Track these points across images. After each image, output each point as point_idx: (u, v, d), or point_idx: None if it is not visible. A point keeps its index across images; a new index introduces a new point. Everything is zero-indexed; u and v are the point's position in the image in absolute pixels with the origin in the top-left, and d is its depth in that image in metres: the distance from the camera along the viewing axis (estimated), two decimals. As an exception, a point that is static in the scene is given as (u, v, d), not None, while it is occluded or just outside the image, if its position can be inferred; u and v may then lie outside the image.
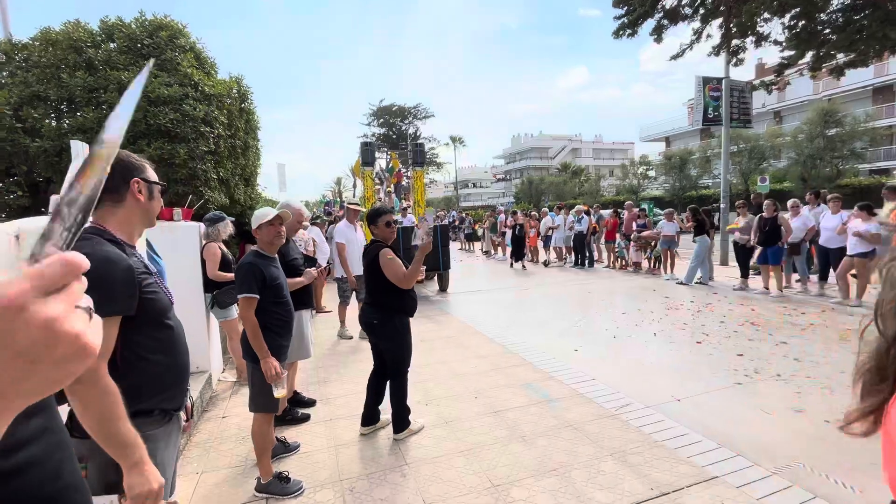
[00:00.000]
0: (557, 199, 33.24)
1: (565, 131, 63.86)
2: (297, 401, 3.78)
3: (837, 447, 2.85)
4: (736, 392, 3.75)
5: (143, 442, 1.15)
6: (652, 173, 35.36)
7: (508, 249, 16.08)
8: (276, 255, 2.74)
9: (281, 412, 3.48)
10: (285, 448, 3.05)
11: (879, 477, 2.53)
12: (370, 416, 3.27)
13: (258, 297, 2.52)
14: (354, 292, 5.60)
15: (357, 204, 5.83)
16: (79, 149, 3.11)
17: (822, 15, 7.69)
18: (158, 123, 4.45)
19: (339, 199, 16.90)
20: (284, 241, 3.09)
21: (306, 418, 3.55)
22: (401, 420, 3.13)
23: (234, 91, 5.77)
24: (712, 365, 4.39)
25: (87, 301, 0.40)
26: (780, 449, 2.86)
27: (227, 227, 4.24)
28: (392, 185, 12.15)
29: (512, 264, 12.67)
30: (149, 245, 2.83)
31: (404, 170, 12.67)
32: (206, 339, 4.20)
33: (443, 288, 8.98)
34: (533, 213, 14.84)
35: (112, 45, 4.77)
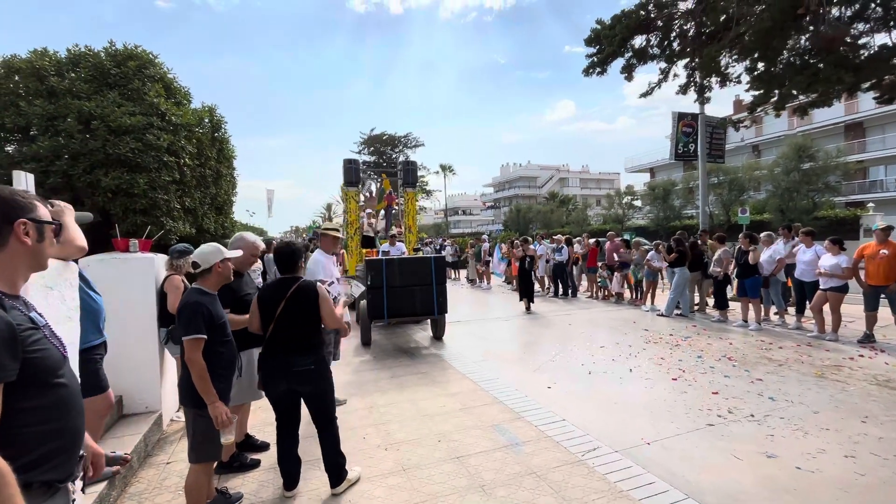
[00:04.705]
0: (545, 228, 33.55)
1: (553, 161, 65.28)
2: (249, 444, 3.56)
3: (806, 498, 2.72)
4: (707, 434, 3.62)
5: None
6: (637, 203, 36.00)
7: (494, 278, 16.10)
8: (217, 292, 2.61)
9: (228, 458, 3.27)
10: (226, 500, 2.82)
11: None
12: (295, 477, 2.92)
13: (206, 337, 2.39)
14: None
15: (335, 229, 4.45)
16: (21, 180, 2.99)
17: (780, 58, 8.05)
18: (118, 153, 4.34)
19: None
20: (236, 276, 2.98)
21: (256, 464, 3.32)
22: (339, 470, 2.88)
23: (206, 121, 5.73)
24: (686, 404, 4.26)
25: None
26: (748, 498, 2.72)
27: (188, 263, 4.06)
28: (383, 208, 11.85)
29: (528, 308, 9.77)
30: (83, 279, 2.69)
31: (395, 194, 12.26)
32: (157, 376, 3.98)
33: (437, 335, 7.33)
34: (517, 241, 14.81)
35: (74, 74, 4.72)
